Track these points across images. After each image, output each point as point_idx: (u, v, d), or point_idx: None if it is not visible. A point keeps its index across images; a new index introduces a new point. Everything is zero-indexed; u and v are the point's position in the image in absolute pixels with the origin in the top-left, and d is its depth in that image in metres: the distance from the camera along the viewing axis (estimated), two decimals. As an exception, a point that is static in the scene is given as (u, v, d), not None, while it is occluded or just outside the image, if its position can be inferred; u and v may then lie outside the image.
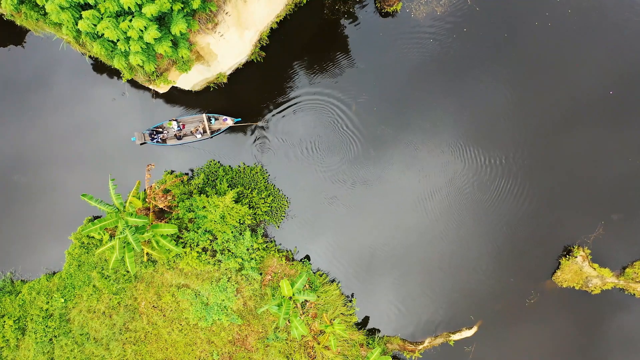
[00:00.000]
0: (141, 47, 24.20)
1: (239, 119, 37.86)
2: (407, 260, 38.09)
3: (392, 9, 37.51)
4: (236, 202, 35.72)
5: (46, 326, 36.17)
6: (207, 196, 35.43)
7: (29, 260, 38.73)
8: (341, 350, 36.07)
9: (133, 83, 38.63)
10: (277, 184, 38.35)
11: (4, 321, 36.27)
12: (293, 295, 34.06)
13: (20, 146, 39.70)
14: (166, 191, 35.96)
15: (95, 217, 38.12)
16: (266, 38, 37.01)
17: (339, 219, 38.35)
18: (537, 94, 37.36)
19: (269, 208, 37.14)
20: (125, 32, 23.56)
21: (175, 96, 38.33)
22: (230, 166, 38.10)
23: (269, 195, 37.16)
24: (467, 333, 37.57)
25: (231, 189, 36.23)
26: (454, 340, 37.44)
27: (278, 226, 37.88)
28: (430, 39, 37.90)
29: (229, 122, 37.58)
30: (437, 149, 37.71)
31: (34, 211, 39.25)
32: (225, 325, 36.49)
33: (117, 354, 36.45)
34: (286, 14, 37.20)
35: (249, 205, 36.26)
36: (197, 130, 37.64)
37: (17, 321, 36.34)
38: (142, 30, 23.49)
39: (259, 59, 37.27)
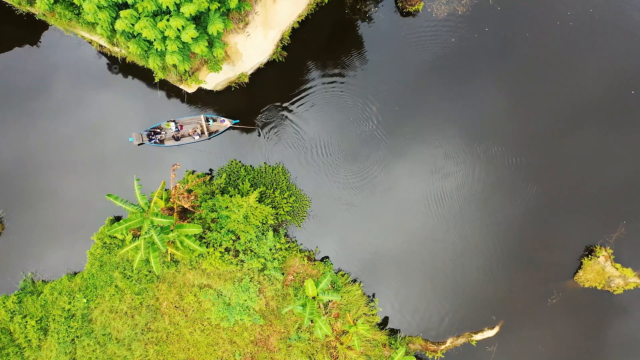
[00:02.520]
0: (178, 47, 24.09)
1: (237, 121, 37.83)
2: (428, 261, 37.99)
3: (413, 8, 37.46)
4: (259, 202, 35.64)
5: (68, 326, 36.08)
6: (231, 196, 35.36)
7: (49, 260, 38.54)
8: (364, 351, 35.98)
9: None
10: (297, 183, 38.23)
11: (26, 321, 36.18)
12: (317, 295, 33.98)
13: (38, 149, 39.45)
14: (189, 191, 35.87)
15: (117, 217, 38.06)
16: (288, 37, 36.98)
17: (359, 220, 38.24)
18: (558, 93, 37.29)
19: (291, 208, 37.06)
20: (163, 32, 23.49)
21: (198, 96, 38.22)
22: (251, 166, 38.03)
23: (290, 196, 37.09)
24: (489, 333, 37.50)
25: (253, 189, 36.20)
26: (476, 340, 37.35)
27: (300, 226, 37.78)
28: (452, 38, 37.86)
29: (227, 123, 37.52)
30: (458, 150, 37.61)
31: (52, 212, 39.07)
32: (247, 326, 36.40)
33: (139, 354, 36.34)
34: (307, 14, 37.16)
35: (272, 205, 36.15)
36: (195, 131, 37.65)
37: (39, 321, 36.25)
38: (179, 30, 23.42)
39: (280, 59, 37.20)
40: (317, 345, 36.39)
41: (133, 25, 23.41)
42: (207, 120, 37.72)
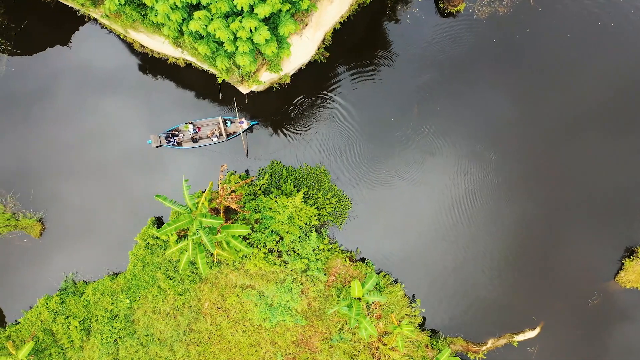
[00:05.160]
0: (249, 48, 24.06)
1: (256, 122, 37.85)
2: (467, 261, 37.96)
3: (455, 9, 37.47)
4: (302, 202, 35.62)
5: (112, 327, 36.06)
6: (275, 197, 35.39)
7: (89, 261, 38.48)
8: (406, 352, 35.96)
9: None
10: (338, 184, 38.19)
11: (69, 322, 36.15)
12: (363, 296, 33.97)
13: (71, 151, 39.47)
14: (232, 192, 35.87)
15: (157, 218, 38.10)
16: (329, 38, 37.00)
17: (396, 221, 38.24)
18: (600, 93, 37.26)
19: (333, 209, 37.06)
20: (235, 33, 23.45)
21: (235, 97, 38.25)
22: (292, 167, 38.03)
23: (333, 196, 37.09)
24: (531, 334, 37.47)
25: (297, 190, 36.21)
26: (517, 341, 37.31)
27: (341, 227, 37.77)
28: (494, 38, 37.85)
29: (245, 125, 37.54)
30: (500, 150, 37.60)
31: (91, 213, 39.07)
32: (289, 326, 36.38)
33: (181, 355, 36.32)
34: (349, 15, 37.19)
35: (315, 205, 36.15)
36: (213, 133, 37.69)
37: (82, 322, 36.24)
38: (251, 31, 23.39)
39: (322, 59, 37.21)
40: (359, 346, 36.38)
41: (206, 26, 23.43)
42: (225, 122, 37.76)
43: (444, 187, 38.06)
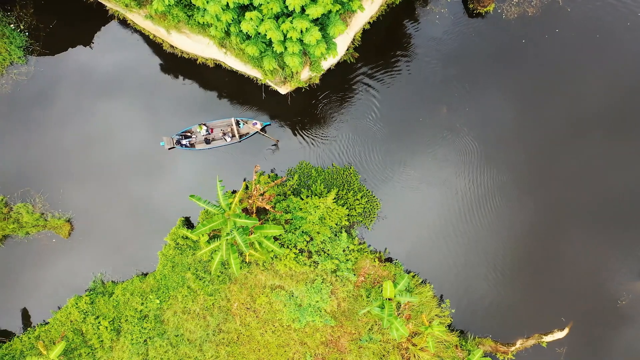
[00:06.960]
0: (298, 49, 24.07)
1: (269, 123, 37.86)
2: (495, 262, 37.94)
3: (484, 10, 37.46)
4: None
5: (142, 327, 36.04)
6: (307, 197, 35.38)
7: (117, 261, 38.48)
8: (436, 352, 35.93)
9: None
10: (366, 185, 38.17)
11: (99, 322, 36.14)
12: (395, 296, 33.94)
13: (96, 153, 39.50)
14: (263, 192, 35.86)
15: (186, 218, 38.10)
16: (359, 38, 36.99)
17: (422, 219, 38.24)
18: (634, 94, 37.26)
19: (363, 209, 37.06)
20: (285, 34, 23.44)
21: (263, 98, 38.25)
22: (322, 167, 38.02)
23: (362, 197, 37.09)
24: (559, 334, 37.44)
25: (327, 190, 36.19)
26: (546, 342, 37.29)
27: (370, 227, 37.76)
28: (523, 39, 37.83)
29: (258, 125, 37.61)
30: (529, 152, 37.62)
31: (118, 214, 39.06)
32: (318, 327, 36.38)
33: (210, 355, 36.31)
34: (378, 15, 37.19)
35: (345, 206, 36.15)
36: (225, 134, 37.65)
37: (112, 322, 36.23)
38: (302, 32, 23.38)
39: (351, 60, 37.19)
40: (389, 346, 36.37)
41: (257, 27, 23.40)
42: (237, 122, 37.76)
43: (472, 189, 37.98)
